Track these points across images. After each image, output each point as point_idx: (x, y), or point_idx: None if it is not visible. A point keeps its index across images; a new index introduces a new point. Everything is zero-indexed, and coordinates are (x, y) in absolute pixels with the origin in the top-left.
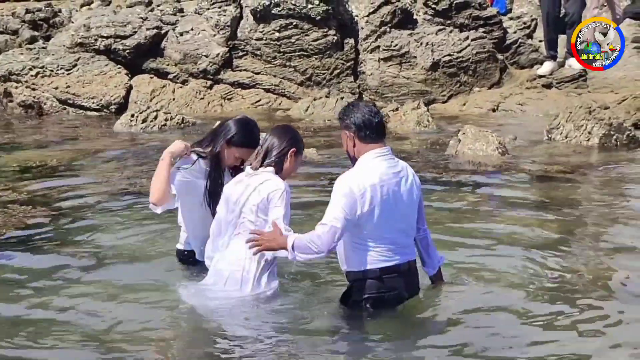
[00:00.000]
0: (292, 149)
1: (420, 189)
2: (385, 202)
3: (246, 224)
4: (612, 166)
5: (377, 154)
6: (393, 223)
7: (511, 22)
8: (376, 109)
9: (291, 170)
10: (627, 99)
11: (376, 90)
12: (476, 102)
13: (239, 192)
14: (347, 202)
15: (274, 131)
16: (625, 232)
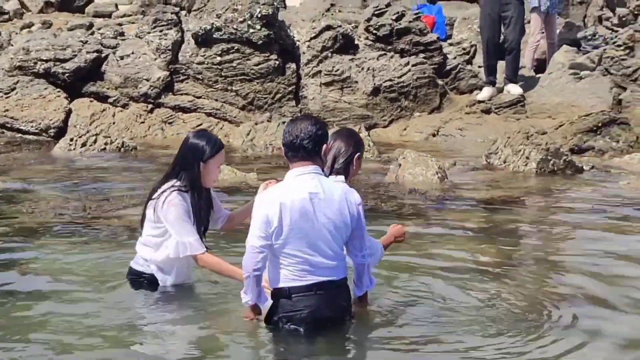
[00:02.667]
0: (357, 153)
1: (359, 214)
2: (298, 221)
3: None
4: (550, 191)
5: (298, 173)
6: (307, 243)
7: (451, 48)
8: (307, 131)
9: (356, 172)
10: (564, 124)
11: (318, 114)
12: (417, 127)
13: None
14: (261, 220)
15: (339, 137)
16: (563, 257)
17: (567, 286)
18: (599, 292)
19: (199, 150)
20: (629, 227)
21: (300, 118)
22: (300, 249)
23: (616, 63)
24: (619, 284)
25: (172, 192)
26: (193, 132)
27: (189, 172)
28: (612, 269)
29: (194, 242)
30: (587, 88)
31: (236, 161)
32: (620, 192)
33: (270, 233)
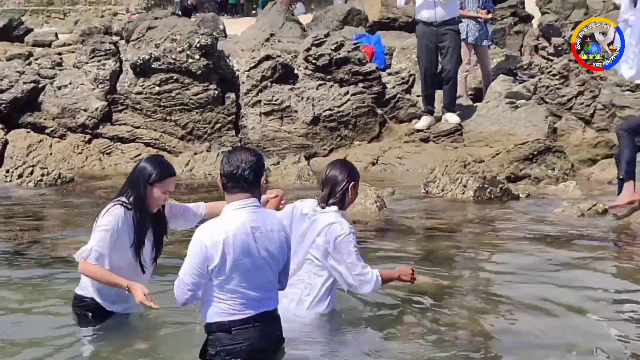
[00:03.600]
0: (351, 183)
1: (290, 247)
2: (240, 257)
3: (313, 261)
4: (487, 218)
5: (238, 206)
6: (247, 277)
7: (390, 77)
8: (247, 161)
9: (352, 201)
10: (500, 152)
11: (258, 144)
12: (356, 156)
13: (305, 226)
14: (200, 256)
15: (333, 168)
16: (500, 285)
17: (502, 315)
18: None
19: (147, 173)
20: (563, 255)
21: (238, 149)
22: (241, 284)
23: (551, 92)
24: (554, 312)
25: (116, 204)
26: (147, 156)
27: (136, 192)
28: (548, 296)
29: (91, 249)
30: (523, 117)
31: (174, 192)
32: (555, 219)
33: (208, 270)
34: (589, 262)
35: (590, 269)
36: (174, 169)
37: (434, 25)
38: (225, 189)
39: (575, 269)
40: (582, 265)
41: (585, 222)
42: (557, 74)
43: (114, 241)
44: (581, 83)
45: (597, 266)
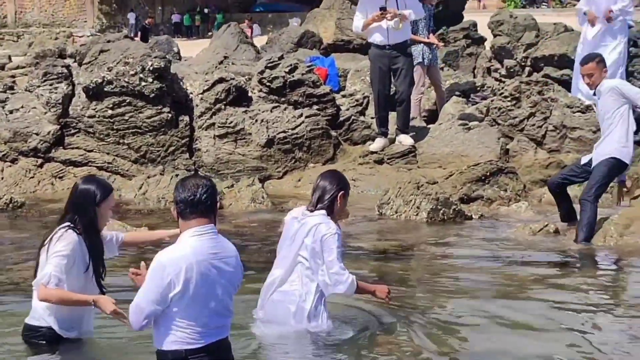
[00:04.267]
0: (341, 192)
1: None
2: (199, 282)
3: (303, 262)
4: (440, 239)
5: (196, 232)
6: (207, 305)
7: (344, 99)
8: (203, 185)
9: (341, 209)
10: (453, 174)
11: (212, 167)
12: (311, 178)
13: (295, 228)
14: (161, 281)
15: (324, 177)
16: (453, 307)
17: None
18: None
19: (91, 195)
20: (515, 274)
21: (191, 177)
22: (201, 312)
23: (503, 113)
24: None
25: (68, 229)
26: (82, 178)
27: (85, 217)
28: (503, 315)
29: (50, 274)
30: (475, 138)
31: (128, 215)
32: (507, 239)
33: (168, 298)
34: (540, 280)
35: (542, 287)
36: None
37: (386, 49)
38: (181, 216)
39: (528, 287)
40: (534, 284)
41: (537, 242)
42: (509, 96)
43: (69, 266)
44: (532, 105)
45: (548, 284)
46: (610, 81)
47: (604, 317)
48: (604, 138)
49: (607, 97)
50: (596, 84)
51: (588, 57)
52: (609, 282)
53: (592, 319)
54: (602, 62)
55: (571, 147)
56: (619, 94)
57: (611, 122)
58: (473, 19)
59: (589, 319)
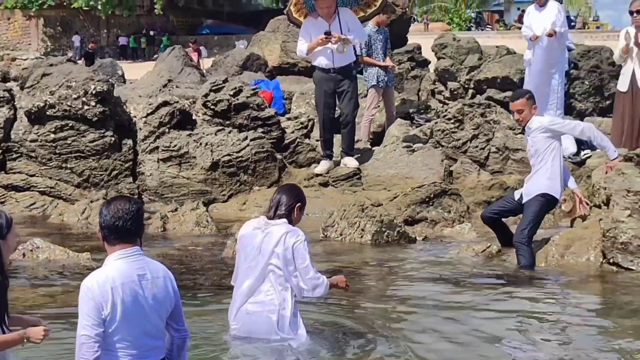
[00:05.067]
0: (297, 203)
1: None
2: (128, 304)
3: (275, 271)
4: (385, 261)
5: (121, 255)
6: (136, 327)
7: (289, 122)
8: (128, 210)
9: (298, 221)
10: (398, 196)
11: (156, 190)
12: (256, 201)
13: (260, 238)
14: (92, 304)
15: (282, 190)
16: (402, 326)
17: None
18: None
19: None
20: (459, 294)
21: (118, 199)
22: (132, 334)
23: (447, 135)
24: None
25: None
26: None
27: None
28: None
29: None
30: (420, 160)
31: (70, 240)
32: (451, 261)
33: (102, 319)
34: (483, 300)
35: (485, 306)
36: None
37: (331, 72)
38: (105, 241)
39: (471, 307)
40: (477, 304)
41: (480, 262)
42: (452, 118)
43: None
44: (475, 127)
45: (491, 304)
46: (540, 119)
47: (547, 333)
48: (535, 173)
49: (538, 134)
50: (526, 120)
51: (518, 94)
52: (551, 301)
53: (535, 335)
54: (532, 98)
55: (513, 168)
56: (549, 131)
57: (542, 158)
58: (417, 41)
59: (532, 336)
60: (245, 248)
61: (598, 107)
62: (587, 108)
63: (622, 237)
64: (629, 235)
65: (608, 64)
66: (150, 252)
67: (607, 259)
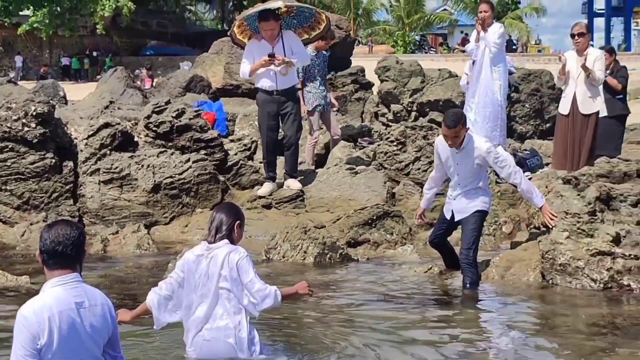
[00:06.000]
0: (237, 221)
1: (115, 319)
2: (65, 333)
3: (227, 294)
4: (328, 283)
5: (59, 282)
6: (74, 354)
7: (232, 144)
8: (68, 236)
9: (239, 239)
10: (341, 218)
11: (97, 213)
12: (198, 224)
13: (205, 264)
14: (28, 333)
15: (219, 210)
16: (344, 346)
17: None
18: None
19: None
20: (401, 315)
21: (58, 223)
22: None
23: (389, 158)
24: None
25: None
26: None
27: None
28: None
29: None
30: (362, 182)
31: (9, 263)
32: (393, 281)
33: (38, 349)
34: (425, 320)
35: (427, 326)
36: None
37: (274, 94)
38: (45, 265)
39: (414, 327)
40: (419, 324)
41: (422, 283)
42: (395, 140)
43: None
44: (418, 149)
45: (433, 324)
46: (479, 142)
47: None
48: (468, 191)
49: (472, 155)
50: (460, 141)
51: (455, 120)
52: (492, 320)
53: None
54: (466, 119)
55: None
56: (482, 160)
57: (473, 178)
58: (361, 64)
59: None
60: (193, 276)
61: (538, 130)
62: (528, 131)
63: (561, 259)
64: (567, 257)
65: (548, 87)
66: (91, 274)
67: (546, 280)
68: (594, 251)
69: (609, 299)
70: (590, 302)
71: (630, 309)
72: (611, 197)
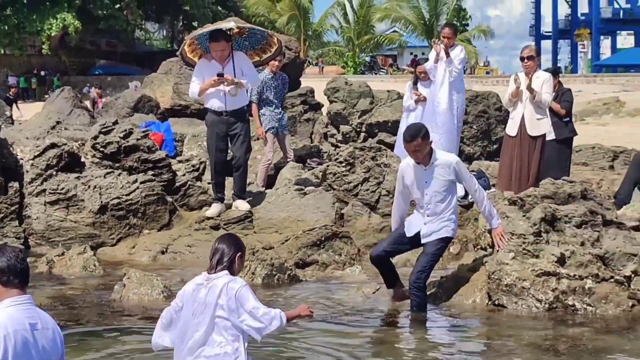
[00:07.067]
0: (238, 253)
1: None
2: (21, 352)
3: (224, 323)
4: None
5: (12, 302)
6: None
7: (181, 164)
8: (20, 256)
9: (239, 270)
10: (289, 239)
11: (42, 234)
12: (145, 245)
13: (204, 293)
14: None
15: (222, 241)
16: None
17: None
18: None
19: None
20: (349, 336)
21: (2, 246)
22: None
23: (338, 179)
24: None
25: None
26: None
27: None
28: None
29: None
30: (311, 203)
31: None
32: (341, 302)
33: None
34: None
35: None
36: None
37: (224, 114)
38: (2, 284)
39: (361, 349)
40: (366, 344)
41: (370, 304)
42: (344, 161)
43: None
44: (366, 170)
45: (380, 345)
46: (447, 155)
47: None
48: (439, 216)
49: (443, 171)
50: (424, 157)
51: (413, 133)
52: (439, 341)
53: None
54: (427, 134)
55: None
56: (453, 173)
57: (443, 198)
58: (312, 84)
59: None
60: (192, 304)
61: (486, 151)
62: (475, 152)
63: (507, 279)
64: (513, 277)
65: (495, 109)
66: (37, 295)
67: (492, 301)
68: (540, 272)
69: (554, 320)
70: (535, 324)
71: (574, 331)
72: (556, 218)
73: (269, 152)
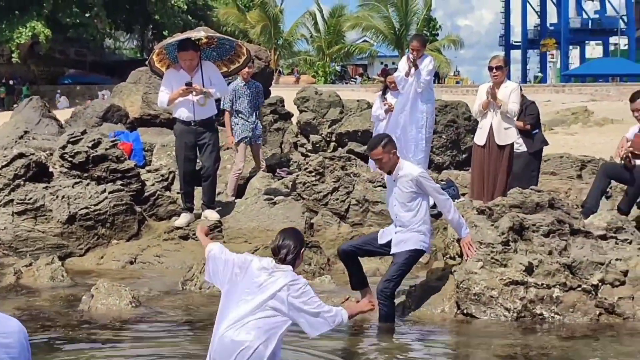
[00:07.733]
0: (302, 249)
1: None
2: None
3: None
4: None
5: None
6: None
7: (149, 174)
8: None
9: (300, 263)
10: (259, 248)
11: (10, 245)
12: (114, 255)
13: (264, 278)
14: None
15: (289, 236)
16: None
17: None
18: None
19: None
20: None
21: None
22: None
23: (308, 188)
24: None
25: None
26: None
27: None
28: None
29: None
30: (281, 213)
31: None
32: None
33: None
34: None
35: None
36: None
37: (192, 124)
38: None
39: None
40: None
41: None
42: (313, 171)
43: None
44: (336, 179)
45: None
46: (410, 167)
47: None
48: (408, 227)
49: (406, 183)
50: (388, 166)
51: (374, 142)
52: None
53: None
54: (390, 142)
55: (373, 220)
56: (416, 185)
57: (409, 208)
58: (280, 94)
59: None
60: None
61: (455, 161)
62: (445, 161)
63: (475, 288)
64: (482, 287)
65: (464, 119)
66: (4, 306)
67: (461, 310)
68: (508, 281)
69: (522, 329)
70: (504, 332)
71: (543, 339)
72: (524, 227)
73: (240, 162)
